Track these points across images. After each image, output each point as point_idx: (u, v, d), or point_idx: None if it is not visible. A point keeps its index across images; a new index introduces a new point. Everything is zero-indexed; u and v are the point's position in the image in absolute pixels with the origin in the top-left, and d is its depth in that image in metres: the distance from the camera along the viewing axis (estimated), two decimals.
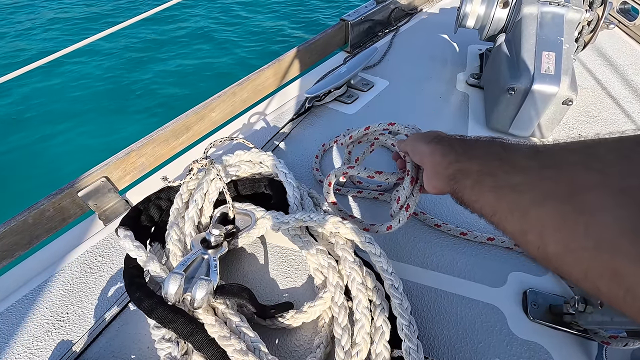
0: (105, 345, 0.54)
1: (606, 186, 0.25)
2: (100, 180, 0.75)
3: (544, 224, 0.28)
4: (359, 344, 0.44)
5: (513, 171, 0.33)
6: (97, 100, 3.58)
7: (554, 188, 0.28)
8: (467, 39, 1.17)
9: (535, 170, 0.31)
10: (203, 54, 4.28)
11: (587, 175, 0.26)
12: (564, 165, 0.29)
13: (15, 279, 0.65)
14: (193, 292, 0.47)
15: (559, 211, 0.27)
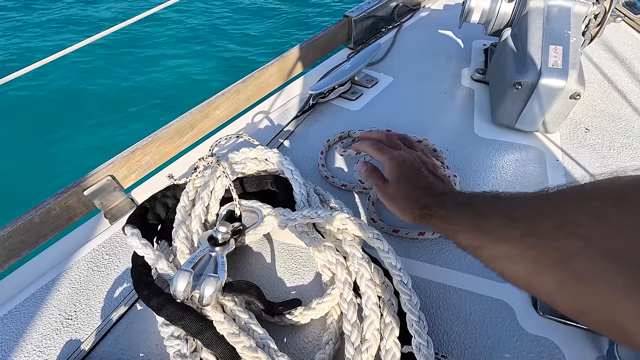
0: (114, 344, 0.54)
1: (591, 251, 0.25)
2: (105, 178, 0.75)
3: (548, 289, 0.29)
4: (368, 340, 0.44)
5: (498, 241, 0.35)
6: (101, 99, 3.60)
7: (543, 256, 0.29)
8: (472, 34, 1.16)
9: (518, 238, 0.32)
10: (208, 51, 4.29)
11: (570, 241, 0.27)
12: (542, 232, 0.30)
13: (22, 278, 0.65)
14: (202, 290, 0.47)
15: (556, 278, 0.28)
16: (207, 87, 3.77)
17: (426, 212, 0.47)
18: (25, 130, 3.27)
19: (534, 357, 0.47)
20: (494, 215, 0.36)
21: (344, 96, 0.95)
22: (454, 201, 0.45)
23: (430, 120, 0.85)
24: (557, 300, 0.29)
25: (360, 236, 0.53)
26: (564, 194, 0.31)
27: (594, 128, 0.84)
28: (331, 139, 0.80)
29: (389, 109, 0.91)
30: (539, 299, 0.33)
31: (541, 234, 0.29)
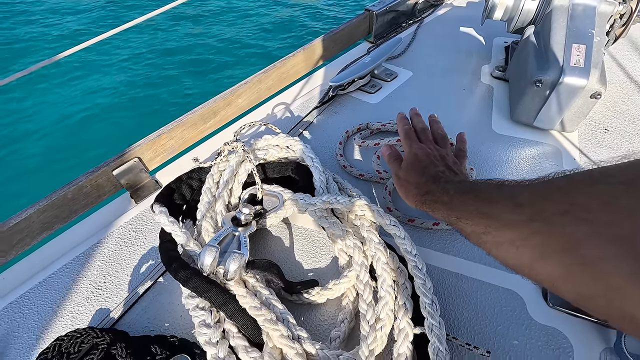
0: (141, 313, 0.57)
1: (599, 236, 0.25)
2: (133, 160, 0.79)
3: (552, 275, 0.29)
4: (382, 319, 0.46)
5: (502, 227, 0.34)
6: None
7: (549, 242, 0.29)
8: (493, 31, 1.16)
9: (523, 224, 0.31)
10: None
11: (577, 227, 0.26)
12: (549, 217, 0.29)
13: (55, 250, 0.69)
14: (227, 265, 0.50)
15: (562, 264, 0.28)
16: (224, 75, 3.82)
17: (429, 197, 0.48)
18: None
19: (541, 346, 0.49)
20: (498, 201, 0.36)
21: (363, 89, 0.97)
22: (458, 188, 0.45)
23: (449, 114, 0.86)
24: (562, 286, 0.28)
25: (378, 223, 0.55)
26: (571, 179, 0.30)
27: (613, 129, 0.83)
28: (350, 130, 0.82)
29: (407, 103, 0.92)
30: (542, 286, 0.33)
31: (547, 218, 0.29)
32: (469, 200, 0.41)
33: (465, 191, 0.43)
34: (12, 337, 0.56)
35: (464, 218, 0.40)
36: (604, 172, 0.28)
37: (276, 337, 0.45)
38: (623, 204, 0.25)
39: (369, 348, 0.43)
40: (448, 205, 0.44)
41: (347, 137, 0.82)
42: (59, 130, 3.24)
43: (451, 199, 0.44)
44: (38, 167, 2.91)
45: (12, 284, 0.64)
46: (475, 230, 0.38)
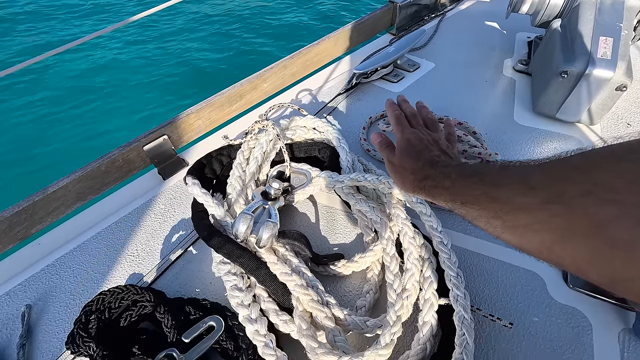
0: (172, 279, 0.60)
1: (627, 217, 0.24)
2: (162, 137, 0.81)
3: (575, 258, 0.28)
4: (408, 289, 0.48)
5: (515, 210, 0.32)
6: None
7: (570, 225, 0.27)
8: (515, 26, 1.17)
9: (539, 207, 0.30)
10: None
11: (602, 208, 0.25)
12: (569, 199, 0.27)
13: (88, 219, 0.72)
14: (260, 233, 0.52)
15: (587, 247, 0.26)
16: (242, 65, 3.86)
17: (429, 183, 0.46)
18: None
19: (561, 323, 0.50)
20: (508, 184, 0.34)
21: (385, 78, 0.99)
22: (459, 171, 0.43)
23: (471, 105, 0.88)
24: (587, 269, 0.27)
25: (404, 200, 0.57)
26: (589, 157, 0.29)
27: (636, 124, 0.84)
28: (373, 117, 0.84)
29: (429, 92, 0.94)
30: (563, 269, 0.32)
31: (568, 201, 0.27)
32: (473, 184, 0.39)
33: (469, 174, 0.41)
34: (51, 297, 0.59)
35: (470, 202, 0.38)
36: (626, 148, 0.27)
37: (306, 301, 0.47)
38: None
39: (396, 314, 0.45)
40: (450, 190, 0.42)
41: (371, 123, 0.84)
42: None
43: (453, 183, 0.42)
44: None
45: (49, 249, 0.67)
46: (482, 215, 0.36)
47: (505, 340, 0.49)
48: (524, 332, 0.50)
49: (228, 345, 0.48)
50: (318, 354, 0.42)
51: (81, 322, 0.47)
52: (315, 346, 0.43)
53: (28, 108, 3.27)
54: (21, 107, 3.28)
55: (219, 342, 0.48)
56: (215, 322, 0.49)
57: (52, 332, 0.54)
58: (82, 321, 0.47)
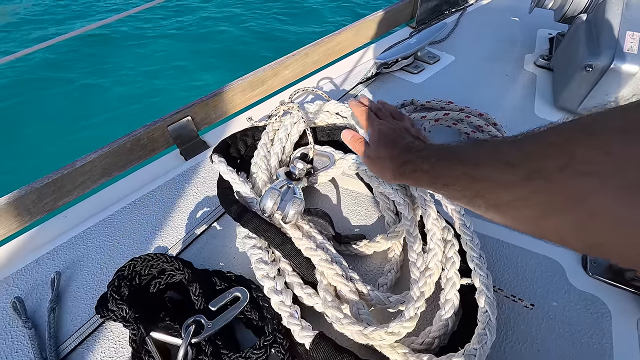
0: (197, 253, 0.61)
1: (606, 187, 0.24)
2: (186, 118, 0.83)
3: (559, 231, 0.29)
4: (431, 268, 0.49)
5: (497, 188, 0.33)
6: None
7: (551, 200, 0.28)
8: (537, 21, 1.17)
9: (519, 184, 0.30)
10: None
11: (580, 181, 0.26)
12: (548, 174, 0.28)
13: (113, 194, 0.74)
14: (286, 209, 0.53)
15: (569, 220, 0.27)
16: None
17: (408, 167, 0.46)
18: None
19: (580, 309, 0.51)
20: (487, 162, 0.34)
21: (406, 69, 0.99)
22: (437, 153, 0.43)
23: (491, 98, 0.88)
24: (571, 240, 0.28)
25: None
26: (562, 132, 0.29)
27: None
28: (394, 105, 0.85)
29: (450, 85, 0.94)
30: (550, 241, 0.33)
31: (547, 176, 0.28)
32: (453, 165, 0.39)
33: (448, 156, 0.41)
34: (78, 265, 0.60)
35: (451, 184, 0.39)
36: (597, 120, 0.27)
37: (331, 275, 0.49)
38: (626, 152, 0.24)
39: (420, 290, 0.46)
40: (431, 173, 0.42)
41: None
42: None
43: (433, 166, 0.42)
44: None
45: (75, 221, 0.69)
46: (465, 195, 0.37)
47: (524, 322, 0.50)
48: (543, 315, 0.50)
49: (253, 316, 0.50)
50: (344, 324, 0.43)
51: (114, 285, 0.48)
52: (341, 317, 0.44)
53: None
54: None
55: (244, 313, 0.50)
56: (241, 292, 0.50)
57: (80, 298, 0.56)
58: (115, 285, 0.48)
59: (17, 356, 0.49)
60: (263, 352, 0.45)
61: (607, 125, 0.26)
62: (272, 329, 0.46)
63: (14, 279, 0.58)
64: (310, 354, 0.44)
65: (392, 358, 0.42)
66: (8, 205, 0.64)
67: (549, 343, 0.48)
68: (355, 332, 0.42)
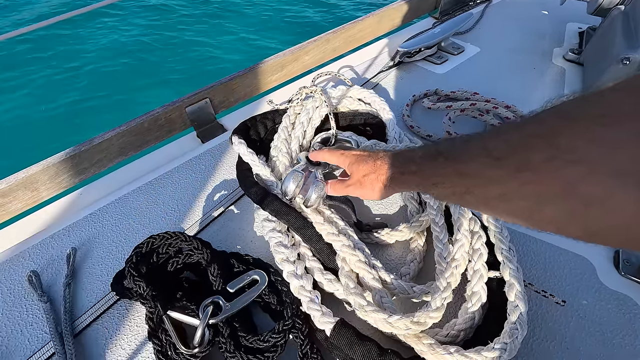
0: (213, 234, 0.60)
1: (595, 173, 0.25)
2: (204, 100, 0.82)
3: (554, 220, 0.28)
4: (457, 259, 0.47)
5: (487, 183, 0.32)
6: None
7: (542, 191, 0.28)
8: (566, 15, 1.13)
9: (508, 177, 0.30)
10: None
11: (569, 170, 0.26)
12: (536, 166, 0.28)
13: (129, 174, 0.73)
14: (309, 193, 0.52)
15: (563, 209, 0.27)
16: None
17: (394, 173, 0.45)
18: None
19: (612, 308, 0.49)
20: (474, 158, 0.34)
21: (429, 59, 0.97)
22: (423, 153, 0.42)
23: (517, 91, 0.85)
24: (567, 229, 0.28)
25: None
26: (543, 122, 0.29)
27: None
28: (417, 95, 0.82)
29: (474, 76, 0.91)
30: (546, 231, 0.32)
31: (535, 168, 0.28)
32: (440, 164, 0.39)
33: (433, 155, 0.40)
34: (94, 242, 0.60)
35: (440, 182, 0.38)
36: (575, 107, 0.27)
37: (354, 261, 0.47)
38: (608, 137, 0.24)
39: (447, 280, 0.44)
40: (418, 174, 0.42)
41: (414, 101, 0.82)
42: None
43: (419, 166, 0.42)
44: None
45: (91, 199, 0.68)
46: (455, 192, 0.37)
47: (552, 319, 0.48)
48: (572, 313, 0.48)
49: (271, 300, 0.48)
50: (367, 311, 0.42)
51: (132, 262, 0.47)
52: (364, 304, 0.42)
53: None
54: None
55: (262, 296, 0.49)
56: (259, 276, 0.49)
57: (95, 274, 0.55)
58: (133, 261, 0.47)
59: (32, 329, 0.49)
60: (282, 336, 0.43)
61: (585, 112, 0.26)
62: (291, 314, 0.45)
63: (30, 254, 0.58)
64: (331, 340, 0.42)
65: (416, 348, 0.40)
66: (25, 179, 0.64)
67: (578, 342, 0.46)
68: (380, 320, 0.41)
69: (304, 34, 2.69)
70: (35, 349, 0.47)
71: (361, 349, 0.40)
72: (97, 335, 0.48)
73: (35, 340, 0.48)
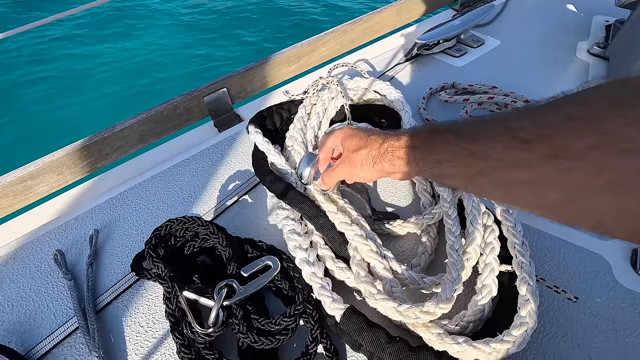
0: (228, 221, 0.62)
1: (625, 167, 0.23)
2: (222, 90, 0.83)
3: (596, 215, 0.26)
4: (469, 252, 0.47)
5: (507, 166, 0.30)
6: None
7: (589, 181, 0.25)
8: (592, 7, 1.09)
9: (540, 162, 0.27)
10: None
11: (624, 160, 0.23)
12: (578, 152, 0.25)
13: (148, 161, 0.75)
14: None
15: (613, 203, 0.25)
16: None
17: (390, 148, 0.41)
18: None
19: (626, 307, 0.48)
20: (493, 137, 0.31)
21: (447, 52, 0.95)
22: (430, 128, 0.39)
23: (539, 86, 0.83)
24: (613, 226, 0.26)
25: None
26: (587, 103, 0.26)
27: None
28: (434, 87, 0.82)
29: (494, 69, 0.90)
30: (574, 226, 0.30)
31: (574, 155, 0.25)
32: (449, 140, 0.35)
33: (441, 131, 0.37)
34: (115, 225, 0.62)
35: (446, 160, 0.35)
36: (626, 90, 0.25)
37: (365, 251, 0.48)
38: None
39: (457, 272, 0.44)
40: (421, 149, 0.38)
41: (431, 94, 0.81)
42: None
43: (423, 141, 0.38)
44: None
45: (112, 184, 0.71)
46: (462, 172, 0.34)
47: (564, 315, 0.47)
48: (585, 310, 0.48)
49: (283, 285, 0.50)
50: (377, 299, 0.43)
51: (151, 244, 0.49)
52: (375, 292, 0.43)
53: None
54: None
55: (274, 282, 0.50)
56: (272, 261, 0.50)
57: (116, 255, 0.57)
58: (152, 243, 0.49)
59: (57, 304, 0.51)
60: (293, 320, 0.45)
61: (636, 95, 0.24)
62: (302, 299, 0.46)
63: (55, 234, 0.61)
64: (340, 326, 0.43)
65: (425, 337, 0.41)
66: (52, 163, 0.67)
67: (590, 339, 0.46)
68: (390, 308, 0.42)
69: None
70: (60, 322, 0.49)
71: (370, 335, 0.41)
72: (117, 312, 0.51)
73: (60, 315, 0.50)
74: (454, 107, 0.78)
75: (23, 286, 0.54)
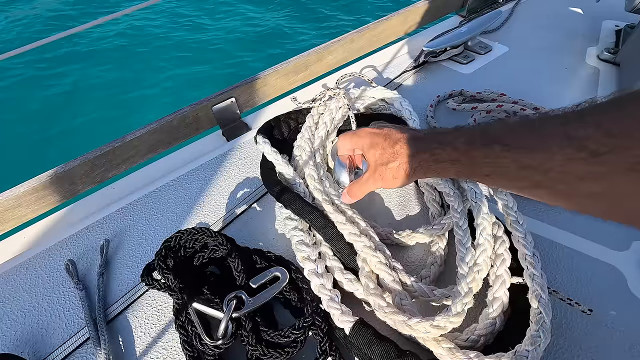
0: (236, 232, 0.62)
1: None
2: (230, 100, 0.84)
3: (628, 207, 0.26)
4: (479, 264, 0.47)
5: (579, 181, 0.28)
6: None
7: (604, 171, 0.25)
8: (602, 12, 1.08)
9: (612, 174, 0.26)
10: None
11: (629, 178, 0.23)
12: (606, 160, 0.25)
13: (158, 170, 0.76)
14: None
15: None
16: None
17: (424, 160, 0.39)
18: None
19: None
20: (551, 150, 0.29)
21: (455, 59, 0.95)
22: (469, 138, 0.36)
23: (548, 93, 0.83)
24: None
25: None
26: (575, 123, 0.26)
27: None
28: (441, 95, 0.81)
29: (502, 76, 0.89)
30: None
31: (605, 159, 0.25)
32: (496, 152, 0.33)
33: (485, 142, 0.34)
34: (125, 235, 0.63)
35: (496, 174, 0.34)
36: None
37: (374, 262, 0.48)
38: None
39: (468, 285, 0.44)
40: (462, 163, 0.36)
41: (438, 102, 0.81)
42: None
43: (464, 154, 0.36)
44: None
45: (123, 193, 0.72)
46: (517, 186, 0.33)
47: (578, 328, 0.47)
48: (599, 323, 0.47)
49: (291, 296, 0.50)
50: (387, 312, 0.42)
51: (161, 255, 0.50)
52: (384, 305, 0.43)
53: None
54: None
55: (283, 293, 0.50)
56: (281, 273, 0.50)
57: (126, 265, 0.58)
58: (162, 254, 0.50)
59: (68, 314, 0.52)
60: (302, 332, 0.45)
61: None
62: (311, 311, 0.46)
63: (67, 243, 0.61)
64: (350, 339, 0.43)
65: (435, 352, 0.41)
66: (64, 173, 0.68)
67: (604, 353, 0.45)
68: (399, 321, 0.41)
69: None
70: (72, 333, 0.50)
71: (380, 349, 0.40)
72: (127, 323, 0.51)
73: (72, 325, 0.51)
74: (462, 115, 0.78)
75: (36, 296, 0.54)
